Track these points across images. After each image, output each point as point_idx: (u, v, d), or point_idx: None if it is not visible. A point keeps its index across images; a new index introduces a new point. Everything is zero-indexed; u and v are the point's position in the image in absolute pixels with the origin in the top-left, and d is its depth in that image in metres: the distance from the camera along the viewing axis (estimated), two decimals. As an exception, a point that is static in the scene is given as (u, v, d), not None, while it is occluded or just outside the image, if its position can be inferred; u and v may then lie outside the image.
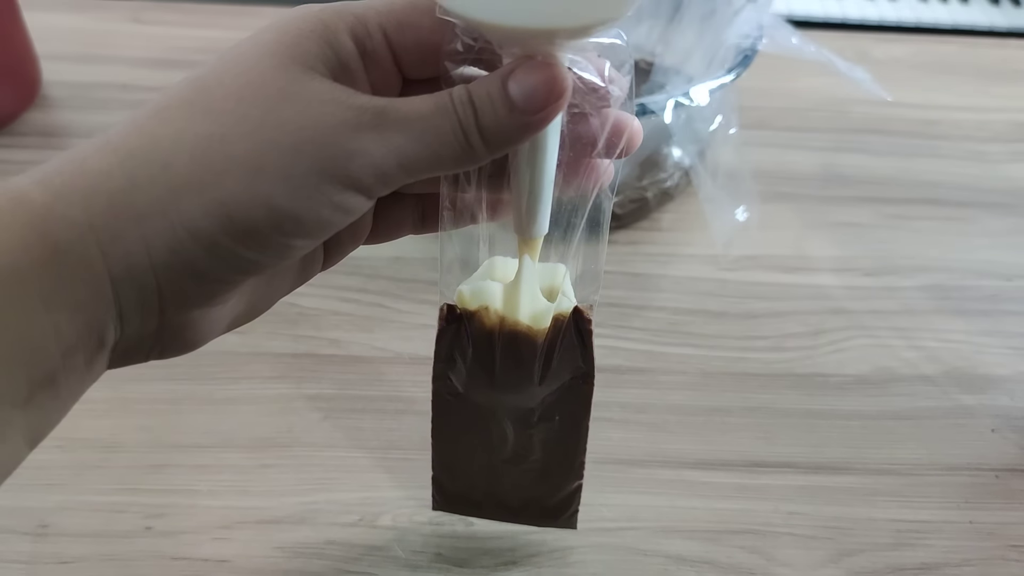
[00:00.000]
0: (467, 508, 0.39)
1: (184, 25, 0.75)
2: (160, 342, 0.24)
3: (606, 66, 0.25)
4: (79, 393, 0.23)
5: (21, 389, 0.20)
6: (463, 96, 0.23)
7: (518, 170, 0.26)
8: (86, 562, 0.38)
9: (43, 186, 0.21)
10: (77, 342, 0.21)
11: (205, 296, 0.23)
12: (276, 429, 0.44)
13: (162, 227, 0.22)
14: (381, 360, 0.48)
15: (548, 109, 0.23)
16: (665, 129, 0.54)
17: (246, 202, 0.22)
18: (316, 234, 0.23)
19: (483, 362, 0.31)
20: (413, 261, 0.54)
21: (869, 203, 0.61)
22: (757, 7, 0.55)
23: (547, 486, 0.36)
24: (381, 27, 0.24)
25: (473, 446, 0.35)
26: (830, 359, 0.49)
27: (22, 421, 0.21)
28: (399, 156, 0.23)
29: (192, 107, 0.23)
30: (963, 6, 0.86)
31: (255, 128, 0.22)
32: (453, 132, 0.23)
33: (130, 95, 0.66)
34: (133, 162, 0.22)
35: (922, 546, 0.40)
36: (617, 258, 0.55)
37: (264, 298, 0.27)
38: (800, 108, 0.70)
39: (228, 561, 0.38)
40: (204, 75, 0.23)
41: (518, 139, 0.24)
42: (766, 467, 0.44)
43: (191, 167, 0.22)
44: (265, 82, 0.23)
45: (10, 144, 0.61)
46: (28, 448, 0.22)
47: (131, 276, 0.22)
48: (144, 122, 0.23)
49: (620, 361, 0.49)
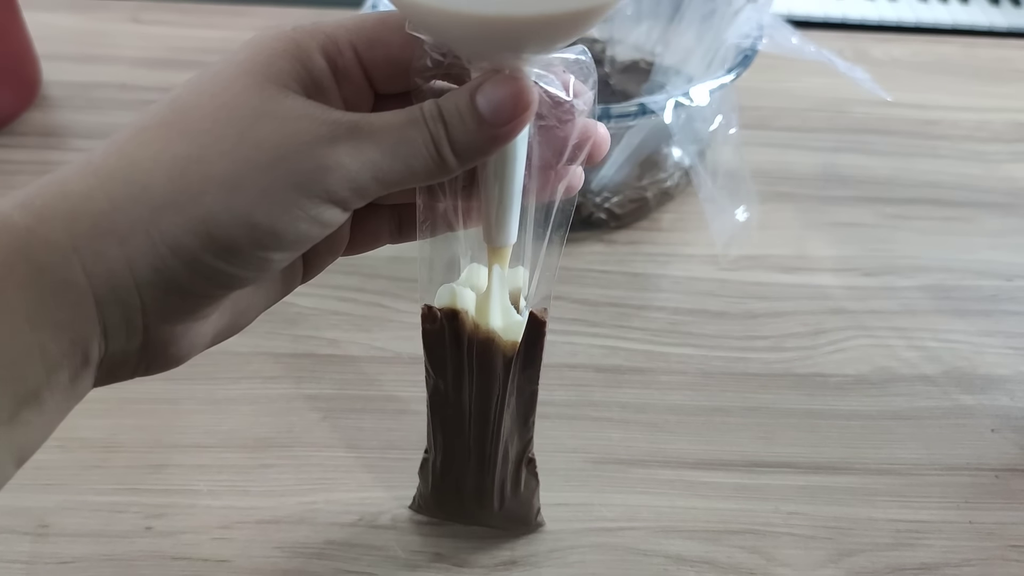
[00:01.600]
0: (441, 512, 0.40)
1: (183, 25, 0.75)
2: (145, 358, 0.24)
3: (571, 80, 0.26)
4: (65, 411, 0.23)
5: (6, 406, 0.21)
6: (433, 111, 0.24)
7: (487, 181, 0.27)
8: (86, 562, 0.38)
9: (24, 209, 0.22)
10: (62, 360, 0.22)
11: (188, 311, 0.24)
12: (276, 429, 0.44)
13: (144, 246, 0.22)
14: (380, 360, 0.48)
15: (515, 121, 0.24)
16: (665, 129, 0.54)
17: (225, 219, 0.22)
18: (294, 247, 0.24)
19: (458, 364, 0.32)
20: (412, 261, 0.53)
21: (869, 203, 0.61)
22: (757, 7, 0.55)
23: (505, 492, 0.37)
24: (352, 45, 0.25)
25: (452, 448, 0.36)
26: (830, 359, 0.49)
27: (7, 438, 0.21)
28: (374, 170, 0.24)
29: (170, 128, 0.23)
30: (963, 6, 0.86)
31: (232, 147, 0.23)
32: (425, 145, 0.24)
33: (130, 95, 0.66)
34: (113, 183, 0.22)
35: (922, 546, 0.40)
36: (617, 258, 0.55)
37: (246, 312, 0.28)
38: (800, 108, 0.70)
39: (228, 561, 0.38)
40: (181, 96, 0.24)
41: (488, 151, 0.25)
42: (766, 467, 0.44)
43: (170, 187, 0.22)
44: (240, 102, 0.23)
45: (10, 144, 0.61)
46: (14, 466, 0.22)
47: (115, 295, 0.22)
48: (123, 144, 0.23)
49: (620, 361, 0.49)
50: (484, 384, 0.32)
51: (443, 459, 0.36)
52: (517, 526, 0.40)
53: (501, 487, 0.37)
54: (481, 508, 0.38)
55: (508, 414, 0.34)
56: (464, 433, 0.34)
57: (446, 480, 0.37)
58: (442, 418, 0.35)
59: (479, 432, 0.34)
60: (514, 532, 0.40)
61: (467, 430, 0.34)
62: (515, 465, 0.36)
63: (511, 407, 0.34)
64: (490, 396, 0.33)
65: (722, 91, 0.52)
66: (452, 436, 0.35)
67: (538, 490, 0.38)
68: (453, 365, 0.32)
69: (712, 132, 0.56)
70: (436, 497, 0.39)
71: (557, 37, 0.24)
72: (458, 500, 0.38)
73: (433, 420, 0.35)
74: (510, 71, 0.24)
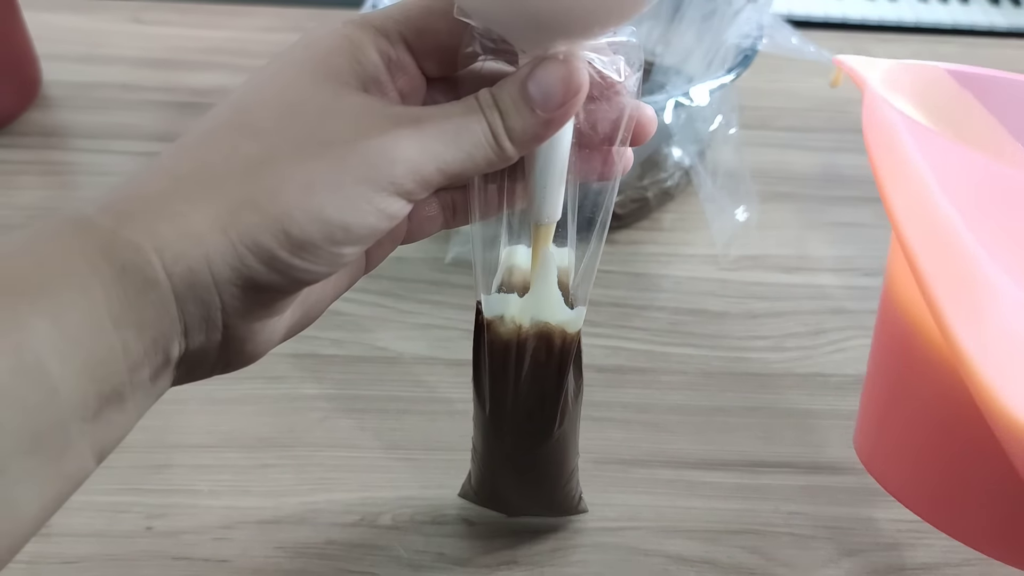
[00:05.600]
0: (489, 502, 0.39)
1: (184, 25, 0.75)
2: (224, 356, 0.25)
3: (620, 62, 0.26)
4: (144, 408, 0.24)
5: (90, 404, 0.21)
6: (488, 100, 0.25)
7: (534, 158, 0.27)
8: (88, 562, 0.38)
9: (105, 211, 0.22)
10: (144, 359, 0.22)
11: (265, 308, 0.25)
12: (277, 429, 0.44)
13: (223, 246, 0.22)
14: (382, 360, 0.48)
15: (567, 105, 0.25)
16: (665, 129, 0.54)
17: (300, 217, 0.23)
18: (364, 241, 0.25)
19: (498, 372, 0.32)
20: (414, 261, 0.54)
21: (869, 203, 0.61)
22: (757, 7, 0.55)
23: (546, 487, 0.37)
24: (401, 36, 0.26)
25: (495, 446, 0.35)
26: (830, 359, 0.49)
27: (90, 435, 0.22)
28: (437, 161, 0.24)
29: (237, 130, 0.24)
30: (963, 6, 0.86)
31: (300, 146, 0.23)
32: (484, 135, 0.25)
33: (130, 95, 0.66)
34: (188, 186, 0.23)
35: (922, 546, 0.41)
36: (618, 258, 0.55)
37: (316, 305, 0.29)
38: (800, 108, 0.70)
39: (229, 561, 0.38)
40: (243, 98, 0.25)
41: (543, 136, 0.26)
42: (766, 467, 0.44)
43: (245, 187, 0.23)
44: (304, 100, 0.24)
45: (10, 144, 0.61)
46: (95, 462, 0.23)
47: (195, 294, 0.23)
48: (192, 148, 0.24)
49: (621, 361, 0.49)
50: (532, 390, 0.32)
51: (493, 453, 0.36)
52: (563, 512, 0.40)
53: (558, 478, 0.36)
54: (532, 499, 0.37)
55: (571, 401, 0.33)
56: (515, 430, 0.34)
57: (494, 475, 0.37)
58: (493, 416, 0.34)
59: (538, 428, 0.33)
60: (558, 516, 0.40)
61: (520, 426, 0.33)
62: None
63: (572, 396, 0.33)
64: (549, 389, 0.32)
65: (722, 91, 0.52)
66: (498, 435, 0.34)
67: (577, 473, 0.38)
68: (506, 366, 0.32)
69: (712, 132, 0.57)
70: (486, 488, 0.38)
71: (608, 22, 0.24)
72: (510, 491, 0.38)
73: (482, 417, 0.34)
74: (560, 55, 0.24)
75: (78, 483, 0.23)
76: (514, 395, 0.32)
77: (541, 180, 0.28)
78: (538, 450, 0.34)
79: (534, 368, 0.31)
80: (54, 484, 0.22)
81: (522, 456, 0.34)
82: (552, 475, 0.36)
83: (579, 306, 0.31)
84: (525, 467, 0.35)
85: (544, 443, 0.33)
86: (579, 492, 0.39)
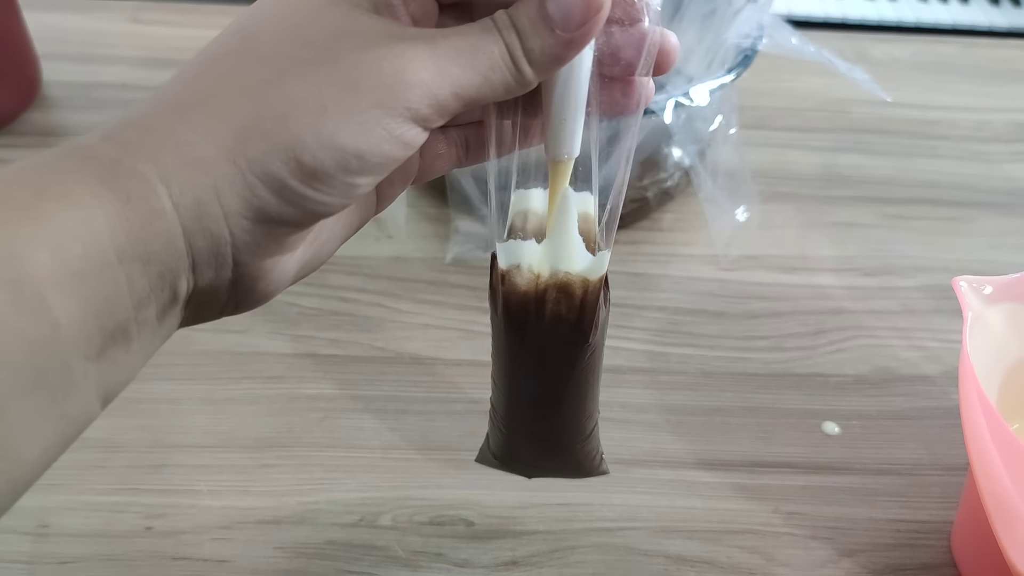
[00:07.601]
0: (508, 464, 0.37)
1: (184, 25, 0.75)
2: (235, 295, 0.24)
3: None
4: (151, 350, 0.23)
5: (94, 341, 0.20)
6: (505, 21, 0.24)
7: (552, 89, 0.26)
8: (86, 562, 0.38)
9: (108, 142, 0.21)
10: (150, 295, 0.21)
11: (277, 243, 0.23)
12: (276, 429, 0.44)
13: (231, 175, 0.21)
14: (381, 360, 0.48)
15: (588, 25, 0.23)
16: (665, 129, 0.54)
17: (312, 143, 0.22)
18: (379, 170, 0.23)
19: (516, 323, 0.30)
20: (413, 261, 0.54)
21: (869, 203, 0.61)
22: (757, 7, 0.55)
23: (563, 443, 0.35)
24: None
25: (513, 403, 0.33)
26: (830, 359, 0.49)
27: (95, 375, 0.21)
28: (453, 85, 0.23)
29: (243, 56, 0.23)
30: (963, 6, 0.86)
31: (311, 69, 0.22)
32: (502, 57, 0.23)
33: (130, 95, 0.66)
34: (194, 115, 0.22)
35: (922, 546, 0.40)
36: (617, 258, 0.55)
37: (326, 244, 0.27)
38: (800, 108, 0.70)
39: (228, 561, 0.38)
40: (247, 24, 0.24)
41: (564, 58, 0.24)
42: (766, 467, 0.44)
43: (253, 114, 0.22)
44: (314, 23, 0.23)
45: (10, 144, 0.61)
46: (100, 405, 0.22)
47: (203, 226, 0.22)
48: (195, 78, 0.23)
49: (621, 361, 0.49)
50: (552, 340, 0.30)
51: (511, 411, 0.34)
52: (583, 473, 0.37)
53: (578, 433, 0.34)
54: (553, 457, 0.36)
55: (596, 359, 0.32)
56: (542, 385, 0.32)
57: (515, 433, 0.35)
58: (514, 369, 0.32)
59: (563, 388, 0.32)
60: (579, 478, 0.38)
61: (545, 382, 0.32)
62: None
63: (596, 352, 0.31)
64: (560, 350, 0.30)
65: (722, 91, 0.52)
66: (523, 390, 0.32)
67: (597, 431, 0.36)
68: (527, 315, 0.30)
69: (712, 132, 0.56)
70: (505, 449, 0.36)
71: None
72: (529, 451, 0.36)
73: (501, 371, 0.32)
74: None
75: (82, 427, 0.22)
76: (536, 323, 0.30)
77: (560, 110, 0.26)
78: (570, 371, 0.32)
79: (554, 319, 0.29)
80: (57, 426, 0.21)
81: (549, 386, 0.32)
82: (574, 423, 0.34)
83: (603, 251, 0.29)
84: (550, 405, 0.33)
85: (579, 354, 0.31)
86: (600, 452, 0.37)
